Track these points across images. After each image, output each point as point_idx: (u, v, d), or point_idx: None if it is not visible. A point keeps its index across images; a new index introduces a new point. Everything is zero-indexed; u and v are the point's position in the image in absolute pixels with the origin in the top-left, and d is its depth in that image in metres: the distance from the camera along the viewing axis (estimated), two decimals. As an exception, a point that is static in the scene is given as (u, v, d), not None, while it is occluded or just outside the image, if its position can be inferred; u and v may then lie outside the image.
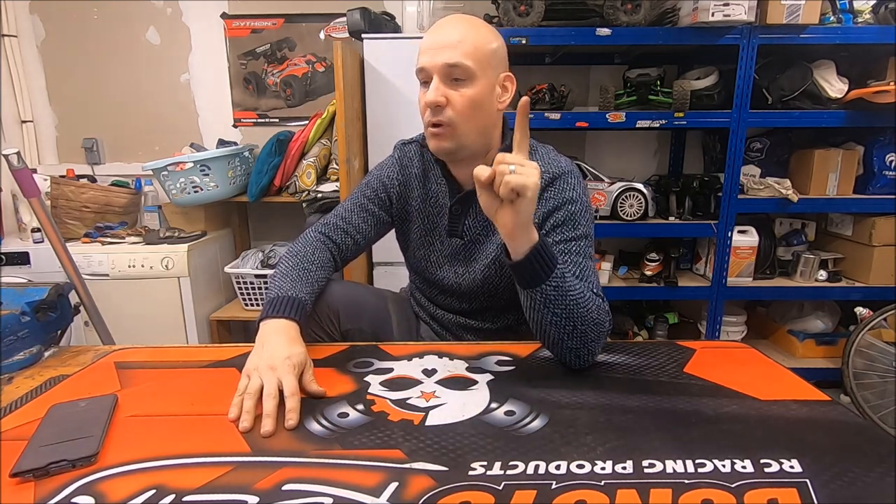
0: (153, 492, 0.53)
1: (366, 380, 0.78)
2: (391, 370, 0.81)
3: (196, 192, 2.11)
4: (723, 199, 2.02)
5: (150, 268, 2.06)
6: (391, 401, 0.71)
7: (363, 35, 1.99)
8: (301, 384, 0.72)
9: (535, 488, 0.53)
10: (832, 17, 1.89)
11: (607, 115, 1.96)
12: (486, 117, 0.92)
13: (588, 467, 0.56)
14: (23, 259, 2.06)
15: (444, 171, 1.01)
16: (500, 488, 0.53)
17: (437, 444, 0.61)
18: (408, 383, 0.77)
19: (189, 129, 2.46)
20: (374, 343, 0.93)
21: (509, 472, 0.56)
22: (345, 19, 2.06)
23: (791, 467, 0.56)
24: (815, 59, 1.98)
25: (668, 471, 0.55)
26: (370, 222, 1.04)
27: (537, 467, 0.56)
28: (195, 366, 0.83)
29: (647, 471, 0.56)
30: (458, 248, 1.03)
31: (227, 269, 2.20)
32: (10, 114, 2.37)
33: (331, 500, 0.51)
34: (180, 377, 0.79)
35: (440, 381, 0.77)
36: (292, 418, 0.66)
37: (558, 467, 0.56)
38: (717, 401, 0.71)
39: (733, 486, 0.53)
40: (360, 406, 0.70)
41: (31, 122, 2.43)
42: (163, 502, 0.51)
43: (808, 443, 0.61)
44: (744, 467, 0.56)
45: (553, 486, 0.53)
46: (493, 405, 0.70)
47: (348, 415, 0.68)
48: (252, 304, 2.24)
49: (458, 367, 0.82)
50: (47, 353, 0.91)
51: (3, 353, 0.83)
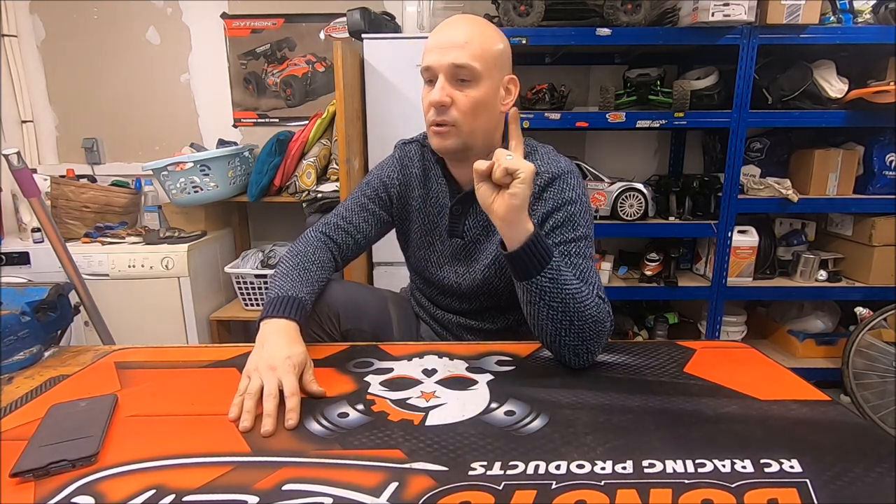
0: (153, 492, 0.53)
1: (366, 380, 0.78)
2: (391, 370, 0.81)
3: (196, 192, 2.11)
4: (723, 199, 2.02)
5: (150, 268, 2.06)
6: (391, 401, 0.71)
7: (363, 35, 1.99)
8: (301, 384, 0.73)
9: (535, 488, 0.53)
10: (832, 17, 1.89)
11: (607, 115, 1.96)
12: (490, 119, 0.92)
13: (588, 467, 0.56)
14: (23, 259, 2.06)
15: (445, 172, 1.01)
16: (500, 488, 0.53)
17: (437, 444, 0.61)
18: (408, 383, 0.77)
19: (189, 129, 2.46)
20: (374, 343, 0.93)
21: (509, 472, 0.56)
22: (345, 19, 2.06)
23: (791, 467, 0.56)
24: (815, 59, 1.98)
25: (668, 471, 0.55)
26: (371, 222, 1.04)
27: (537, 467, 0.56)
28: (195, 366, 0.83)
29: (647, 471, 0.56)
30: (458, 249, 1.03)
31: (227, 269, 2.20)
32: (10, 114, 2.37)
33: (331, 500, 0.51)
34: (180, 377, 0.79)
35: (440, 381, 0.77)
36: (292, 418, 0.66)
37: (558, 467, 0.56)
38: (717, 401, 0.71)
39: (733, 486, 0.53)
40: (360, 406, 0.70)
41: (31, 122, 2.43)
42: (163, 502, 0.51)
43: (808, 443, 0.61)
44: (744, 467, 0.56)
45: (553, 486, 0.53)
46: (493, 405, 0.70)
47: (348, 415, 0.68)
48: (252, 304, 2.24)
49: (458, 367, 0.82)
50: (47, 353, 0.91)
51: (3, 353, 0.83)
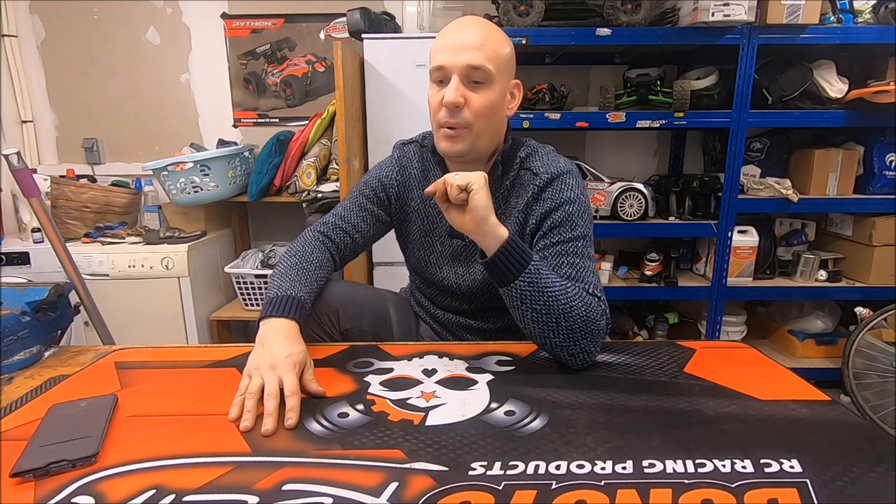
0: (153, 492, 0.53)
1: (366, 380, 0.78)
2: (391, 370, 0.81)
3: (196, 192, 2.11)
4: (723, 199, 2.02)
5: (150, 268, 2.06)
6: (391, 401, 0.71)
7: (363, 35, 1.99)
8: (301, 383, 0.73)
9: (535, 488, 0.53)
10: (832, 17, 1.89)
11: (607, 115, 1.96)
12: (498, 122, 0.92)
13: (588, 467, 0.56)
14: (23, 259, 2.06)
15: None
16: (500, 488, 0.53)
17: (437, 444, 0.61)
18: (408, 383, 0.77)
19: (189, 128, 2.46)
20: (374, 343, 0.93)
21: (509, 472, 0.56)
22: (345, 19, 2.06)
23: (791, 467, 0.56)
24: (815, 59, 1.98)
25: (668, 471, 0.55)
26: (369, 221, 1.04)
27: (537, 467, 0.56)
28: (195, 366, 0.83)
29: (647, 471, 0.56)
30: (458, 249, 1.02)
31: (227, 269, 2.20)
32: (10, 114, 2.37)
33: (331, 500, 0.51)
34: (180, 377, 0.79)
35: (440, 381, 0.77)
36: (292, 417, 0.66)
37: (558, 467, 0.56)
38: (717, 401, 0.71)
39: (733, 486, 0.53)
40: (360, 406, 0.70)
41: (31, 122, 2.43)
42: (163, 502, 0.51)
43: (809, 443, 0.61)
44: (744, 467, 0.56)
45: (553, 486, 0.53)
46: (493, 405, 0.70)
47: (348, 415, 0.68)
48: (252, 304, 2.24)
49: (458, 367, 0.82)
50: (47, 353, 0.91)
51: (3, 353, 0.83)
